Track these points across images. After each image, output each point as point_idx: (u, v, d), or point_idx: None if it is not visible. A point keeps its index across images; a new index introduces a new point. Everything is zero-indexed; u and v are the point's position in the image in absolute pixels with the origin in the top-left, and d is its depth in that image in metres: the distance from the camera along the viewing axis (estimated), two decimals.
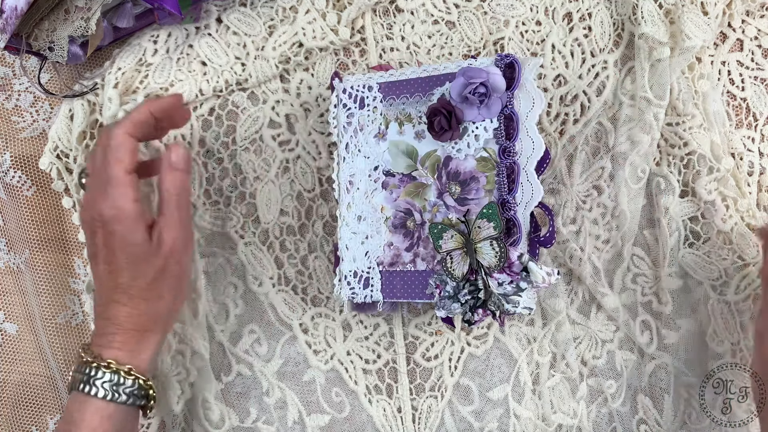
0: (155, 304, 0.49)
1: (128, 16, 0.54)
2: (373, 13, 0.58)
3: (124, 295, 0.49)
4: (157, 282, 0.49)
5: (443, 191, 0.49)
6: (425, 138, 0.50)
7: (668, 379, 0.57)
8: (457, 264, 0.48)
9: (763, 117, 0.57)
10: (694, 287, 0.57)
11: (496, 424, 0.60)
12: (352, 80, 0.52)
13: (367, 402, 0.61)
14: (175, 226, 0.49)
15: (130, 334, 0.49)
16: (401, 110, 0.51)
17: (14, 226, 0.61)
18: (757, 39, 0.57)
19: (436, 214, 0.49)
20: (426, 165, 0.50)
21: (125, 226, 0.47)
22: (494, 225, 0.46)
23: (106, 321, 0.49)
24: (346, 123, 0.52)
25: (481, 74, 0.46)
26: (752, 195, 0.57)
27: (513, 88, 0.46)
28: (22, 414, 0.63)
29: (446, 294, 0.48)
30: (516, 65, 0.46)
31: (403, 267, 0.51)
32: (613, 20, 0.57)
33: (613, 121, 0.57)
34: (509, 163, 0.47)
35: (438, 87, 0.49)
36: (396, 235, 0.51)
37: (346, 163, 0.53)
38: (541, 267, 0.46)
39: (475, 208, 0.48)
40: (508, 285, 0.46)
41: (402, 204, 0.51)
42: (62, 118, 0.58)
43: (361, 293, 0.52)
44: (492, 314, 0.47)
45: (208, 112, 0.60)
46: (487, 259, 0.47)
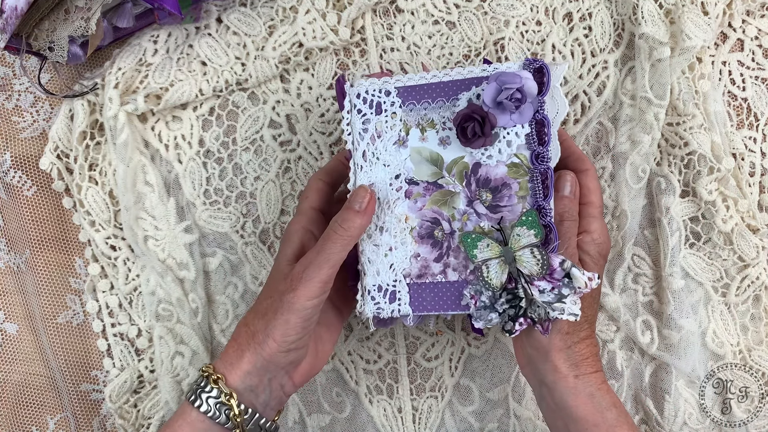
0: (257, 319, 0.48)
1: (128, 16, 0.54)
2: (373, 14, 0.58)
3: (252, 309, 0.49)
4: (270, 302, 0.48)
5: (473, 199, 0.48)
6: (451, 144, 0.48)
7: (669, 380, 0.57)
8: (494, 273, 0.46)
9: (764, 117, 0.57)
10: (695, 288, 0.57)
11: (496, 425, 0.60)
12: (366, 84, 0.50)
13: (367, 402, 0.61)
14: (310, 263, 0.46)
15: (233, 346, 0.49)
16: (423, 116, 0.49)
17: (14, 226, 0.61)
18: (758, 39, 0.57)
19: (466, 222, 0.48)
20: (453, 172, 0.48)
21: (282, 244, 0.51)
22: (535, 232, 0.45)
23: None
24: (362, 130, 0.50)
25: (515, 79, 0.44)
26: (753, 195, 0.57)
27: (544, 93, 0.46)
28: (22, 414, 0.63)
29: (482, 304, 0.47)
30: (545, 70, 0.45)
31: (433, 278, 0.49)
32: (614, 20, 0.57)
33: (613, 121, 0.57)
34: (543, 168, 0.46)
35: (463, 92, 0.47)
36: (423, 245, 0.49)
37: (364, 172, 0.50)
38: (582, 272, 0.44)
39: (508, 215, 0.47)
40: (550, 292, 0.45)
41: (428, 213, 0.49)
42: (62, 118, 0.58)
43: (387, 308, 0.49)
44: (533, 322, 0.45)
45: (208, 112, 0.60)
46: (528, 267, 0.45)
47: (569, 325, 0.46)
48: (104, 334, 0.62)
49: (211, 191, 0.60)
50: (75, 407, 0.63)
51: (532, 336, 0.46)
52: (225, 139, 0.60)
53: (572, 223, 0.48)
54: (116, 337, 0.62)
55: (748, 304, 0.57)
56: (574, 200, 0.48)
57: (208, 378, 0.47)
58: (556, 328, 0.45)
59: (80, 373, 0.62)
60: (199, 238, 0.60)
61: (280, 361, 0.47)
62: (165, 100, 0.57)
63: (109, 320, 0.62)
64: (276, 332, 0.46)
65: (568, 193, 0.48)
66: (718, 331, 0.57)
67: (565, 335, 0.46)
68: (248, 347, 0.47)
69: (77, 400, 0.63)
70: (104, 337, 0.62)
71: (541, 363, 0.46)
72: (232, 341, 0.49)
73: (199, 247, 0.60)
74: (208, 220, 0.60)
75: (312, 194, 0.52)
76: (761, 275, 0.56)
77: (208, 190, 0.60)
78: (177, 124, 0.60)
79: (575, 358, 0.46)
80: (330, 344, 0.53)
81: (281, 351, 0.47)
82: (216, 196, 0.60)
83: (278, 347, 0.46)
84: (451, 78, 0.48)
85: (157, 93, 0.57)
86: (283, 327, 0.46)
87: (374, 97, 0.49)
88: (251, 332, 0.48)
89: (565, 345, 0.46)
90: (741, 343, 0.57)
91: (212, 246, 0.61)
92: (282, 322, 0.46)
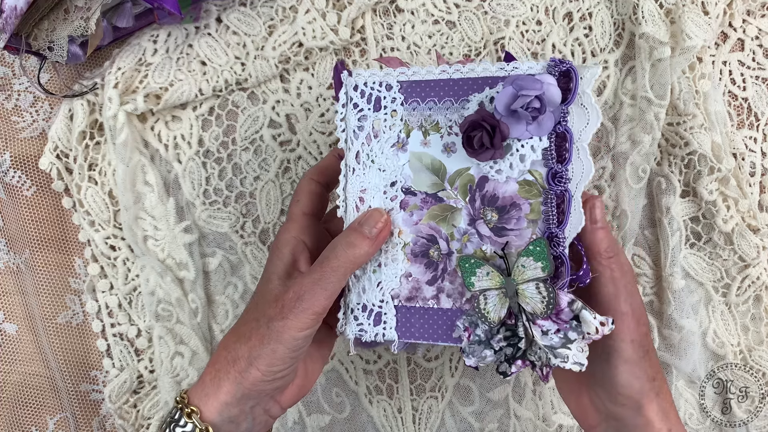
0: (240, 344, 0.42)
1: (128, 15, 0.54)
2: (373, 13, 0.58)
3: (234, 331, 0.44)
4: (256, 325, 0.42)
5: (476, 218, 0.42)
6: (456, 152, 0.42)
7: (669, 380, 0.57)
8: (492, 306, 0.40)
9: (765, 117, 0.57)
10: (695, 288, 0.57)
11: (496, 425, 0.60)
12: (365, 75, 0.44)
13: (367, 402, 0.61)
14: (305, 292, 0.41)
15: (210, 372, 0.43)
16: (427, 116, 0.43)
17: (14, 226, 0.61)
18: (758, 39, 0.57)
19: (466, 243, 0.42)
20: (456, 185, 0.42)
21: (271, 255, 0.45)
22: (542, 265, 0.39)
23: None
24: (357, 127, 0.44)
25: (535, 85, 0.38)
26: (754, 195, 0.57)
27: (569, 102, 0.39)
28: (21, 414, 0.63)
29: (477, 339, 0.41)
30: (573, 74, 0.38)
31: (424, 303, 0.43)
32: (614, 20, 0.57)
33: (613, 121, 0.57)
34: (560, 190, 0.39)
35: (475, 93, 0.41)
36: (416, 265, 0.43)
37: (356, 176, 0.44)
38: (594, 316, 0.38)
39: (515, 241, 0.40)
40: (555, 335, 0.38)
41: (424, 229, 0.43)
42: (62, 118, 0.58)
43: (371, 331, 0.44)
44: (532, 366, 0.40)
45: (208, 111, 0.59)
46: (531, 303, 0.39)
47: (651, 362, 0.39)
48: (104, 334, 0.62)
49: (210, 191, 0.60)
50: (74, 407, 0.63)
51: (612, 382, 0.40)
52: (225, 138, 0.60)
53: (630, 270, 0.41)
54: (116, 337, 0.62)
55: (748, 304, 0.57)
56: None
57: (182, 410, 0.42)
58: (641, 367, 0.39)
59: (80, 373, 0.62)
60: (198, 238, 0.60)
61: (264, 388, 0.42)
62: (164, 100, 0.57)
63: (108, 320, 0.62)
64: (260, 362, 0.41)
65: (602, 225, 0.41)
66: (719, 331, 0.57)
67: (652, 380, 0.39)
68: (227, 375, 0.42)
69: (77, 400, 0.62)
70: (104, 338, 0.62)
71: (631, 419, 0.40)
72: (209, 366, 0.43)
73: (199, 247, 0.60)
74: (207, 220, 0.60)
75: (303, 197, 0.47)
76: (762, 275, 0.56)
77: (208, 190, 0.60)
78: (176, 124, 0.59)
79: (664, 405, 0.40)
80: (321, 362, 0.48)
81: (265, 380, 0.42)
82: (215, 196, 0.60)
83: (262, 376, 0.41)
84: (462, 75, 0.42)
85: (157, 93, 0.57)
86: (269, 357, 0.41)
87: (374, 91, 0.44)
88: (232, 358, 0.42)
89: (654, 391, 0.39)
90: (741, 344, 0.57)
91: (212, 246, 0.61)
92: (268, 352, 0.41)
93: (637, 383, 0.40)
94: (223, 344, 0.44)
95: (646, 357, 0.40)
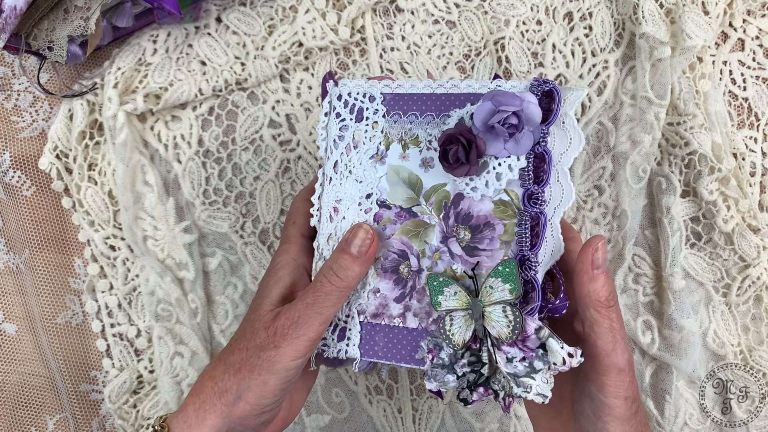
0: (229, 375, 0.40)
1: (128, 15, 0.54)
2: (373, 13, 0.58)
3: (222, 360, 0.42)
4: (246, 355, 0.40)
5: (449, 235, 0.40)
6: (433, 168, 0.41)
7: (669, 380, 0.57)
8: (457, 327, 0.39)
9: (765, 117, 0.57)
10: (696, 288, 0.57)
11: (496, 425, 0.60)
12: (350, 85, 0.43)
13: (367, 402, 0.61)
14: (298, 318, 0.39)
15: (194, 402, 0.41)
16: (407, 130, 0.42)
17: (14, 226, 0.61)
18: (759, 38, 0.57)
19: (437, 261, 0.41)
20: (431, 200, 0.41)
21: (266, 279, 0.43)
22: (510, 287, 0.37)
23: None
24: (338, 137, 0.43)
25: (514, 101, 0.37)
26: (754, 195, 0.57)
27: (550, 122, 0.38)
28: (21, 414, 0.63)
29: (440, 362, 0.39)
30: (556, 94, 0.38)
31: (390, 321, 0.41)
32: (614, 20, 0.56)
33: (613, 121, 0.57)
34: (535, 212, 0.38)
35: (456, 108, 0.40)
36: (385, 280, 0.42)
37: (332, 186, 0.43)
38: (562, 345, 0.36)
39: (486, 262, 0.39)
40: (519, 363, 0.37)
41: (396, 244, 0.42)
42: (62, 118, 0.58)
43: (333, 346, 0.42)
44: (495, 395, 0.38)
45: (208, 111, 0.59)
46: (497, 327, 0.38)
47: (640, 417, 0.37)
48: (103, 334, 0.62)
49: (210, 191, 0.60)
50: (74, 407, 0.62)
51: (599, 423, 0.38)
52: (224, 138, 0.60)
53: (622, 319, 0.39)
54: (115, 337, 0.62)
55: (749, 304, 0.57)
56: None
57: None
58: (632, 425, 0.38)
59: (79, 374, 0.62)
60: (198, 238, 0.60)
61: (251, 423, 0.40)
62: (164, 100, 0.57)
63: (108, 320, 0.61)
64: (250, 394, 0.39)
65: (603, 270, 0.37)
66: (719, 332, 0.57)
67: (631, 418, 0.38)
68: (213, 408, 0.40)
69: (76, 400, 0.62)
70: (103, 338, 0.62)
71: None
72: (193, 395, 0.41)
73: (199, 247, 0.60)
74: (207, 220, 0.60)
75: (300, 218, 0.45)
76: (762, 275, 0.56)
77: (208, 190, 0.60)
78: (176, 124, 0.59)
79: None
80: (305, 391, 0.46)
81: (253, 414, 0.40)
82: (215, 196, 0.60)
83: (251, 410, 0.39)
84: (445, 90, 0.41)
85: (157, 93, 0.57)
86: (259, 389, 0.39)
87: (357, 102, 0.43)
88: (219, 390, 0.40)
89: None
90: (742, 344, 0.57)
91: (212, 246, 0.61)
92: (259, 383, 0.39)
93: None
94: (209, 374, 0.41)
95: (637, 413, 0.39)
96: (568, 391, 0.42)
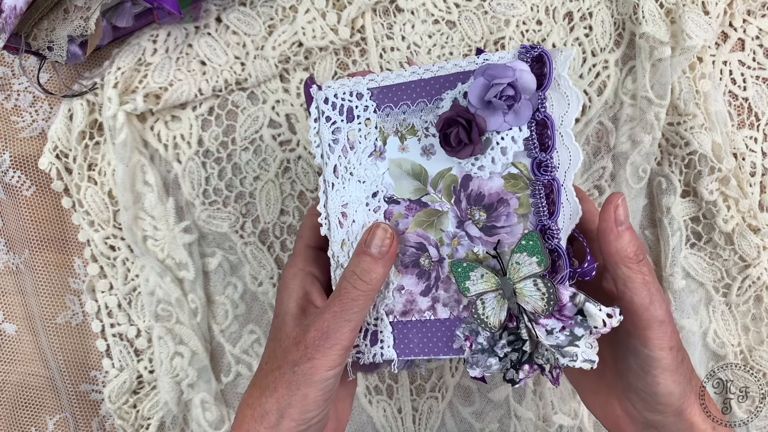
0: (266, 397, 0.39)
1: (127, 15, 0.54)
2: (373, 13, 0.58)
3: (256, 385, 0.41)
4: (279, 374, 0.39)
5: (464, 219, 0.40)
6: (435, 154, 0.40)
7: None
8: (491, 309, 0.38)
9: (765, 117, 0.57)
10: (696, 288, 0.57)
11: (496, 425, 0.60)
12: (335, 87, 0.42)
13: (367, 402, 0.61)
14: (328, 328, 0.39)
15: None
16: (401, 121, 0.41)
17: (14, 226, 0.61)
18: (759, 38, 0.57)
19: (457, 247, 0.40)
20: (439, 187, 0.40)
21: (280, 296, 0.43)
22: (537, 260, 0.37)
23: None
24: (332, 140, 0.43)
25: (507, 72, 0.36)
26: (754, 195, 0.57)
27: (545, 87, 0.37)
28: (21, 414, 0.62)
29: (479, 347, 0.39)
30: (546, 58, 0.37)
31: (420, 316, 0.41)
32: (614, 20, 0.56)
33: (614, 121, 0.57)
34: (547, 180, 0.38)
35: (447, 90, 0.40)
36: (407, 276, 0.41)
37: (336, 191, 0.43)
38: (599, 308, 0.36)
39: (506, 239, 0.38)
40: (560, 333, 0.36)
41: (412, 237, 0.41)
42: (62, 117, 0.58)
43: (368, 352, 0.42)
44: (541, 370, 0.38)
45: (208, 111, 0.59)
46: (531, 302, 0.37)
47: (686, 364, 0.37)
48: (103, 334, 0.62)
49: (210, 191, 0.60)
50: (74, 408, 0.62)
51: (653, 392, 0.38)
52: (224, 138, 0.60)
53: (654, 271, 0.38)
54: (115, 337, 0.62)
55: (749, 304, 0.57)
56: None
57: None
58: (680, 373, 0.37)
59: (79, 374, 0.62)
60: (198, 238, 0.60)
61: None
62: (164, 100, 0.57)
63: (108, 320, 0.61)
64: (292, 410, 0.38)
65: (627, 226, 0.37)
66: (719, 332, 0.57)
67: (690, 382, 0.38)
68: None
69: (76, 400, 0.62)
70: (103, 338, 0.62)
71: (673, 424, 0.38)
72: (236, 428, 0.40)
73: (199, 247, 0.60)
74: (207, 220, 0.60)
75: (306, 232, 0.45)
76: (762, 275, 0.56)
77: (207, 190, 0.60)
78: (176, 124, 0.59)
79: (704, 401, 0.39)
80: (349, 400, 0.45)
81: (300, 430, 0.39)
82: (215, 196, 0.60)
83: (296, 426, 0.39)
84: (433, 74, 0.40)
85: (157, 92, 0.57)
86: (300, 403, 0.38)
87: (345, 102, 0.42)
88: (259, 414, 0.39)
89: (694, 392, 0.38)
90: (742, 344, 0.57)
91: (211, 246, 0.61)
92: (299, 398, 0.38)
93: (678, 389, 0.38)
94: (246, 402, 0.41)
95: (683, 361, 0.39)
96: (608, 352, 0.42)
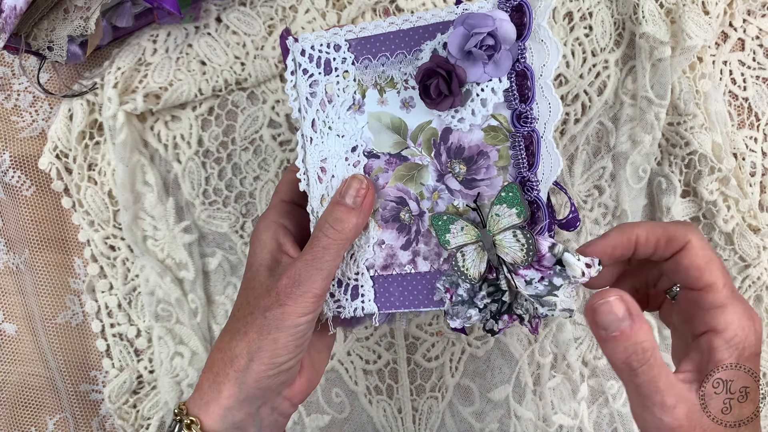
0: (236, 341, 0.40)
1: (127, 15, 0.54)
2: (373, 13, 0.58)
3: (227, 330, 0.41)
4: (251, 319, 0.40)
5: (444, 172, 0.40)
6: (415, 107, 0.40)
7: None
8: (471, 261, 0.39)
9: (765, 117, 0.57)
10: None
11: (496, 425, 0.60)
12: (312, 38, 0.41)
13: (367, 402, 0.61)
14: (299, 275, 0.39)
15: (207, 378, 0.40)
16: (380, 73, 0.40)
17: (14, 226, 0.61)
18: (759, 38, 0.57)
19: (437, 201, 0.40)
20: (419, 141, 0.40)
21: (252, 247, 0.43)
22: (517, 211, 0.37)
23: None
24: (310, 94, 0.42)
25: (487, 22, 0.36)
26: (754, 195, 0.57)
27: (525, 37, 0.37)
28: (21, 414, 0.62)
29: (459, 299, 0.39)
30: (526, 7, 0.36)
31: (401, 269, 0.41)
32: (614, 19, 0.56)
33: (614, 121, 0.57)
34: (527, 131, 0.38)
35: (427, 41, 0.39)
36: (388, 230, 0.41)
37: (314, 146, 0.42)
38: (578, 258, 0.36)
39: (487, 191, 0.39)
40: (539, 283, 0.37)
41: (392, 191, 0.41)
42: (61, 117, 0.58)
43: (349, 306, 0.42)
44: (520, 320, 0.39)
45: (208, 111, 0.59)
46: (510, 253, 0.38)
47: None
48: (103, 334, 0.62)
49: (210, 191, 0.60)
50: (74, 408, 0.62)
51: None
52: (224, 138, 0.60)
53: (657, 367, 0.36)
54: (115, 337, 0.62)
55: None
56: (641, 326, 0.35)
57: (181, 422, 0.39)
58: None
59: (79, 374, 0.62)
60: (198, 238, 0.60)
61: (269, 384, 0.40)
62: (164, 100, 0.57)
63: (108, 320, 0.61)
64: (262, 354, 0.39)
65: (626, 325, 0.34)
66: None
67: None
68: (226, 378, 0.39)
69: (76, 400, 0.62)
70: (103, 338, 0.62)
71: None
72: (206, 372, 0.41)
73: (199, 247, 0.60)
74: (207, 220, 0.60)
75: (283, 186, 0.45)
76: (762, 275, 0.56)
77: (207, 189, 0.60)
78: (176, 124, 0.59)
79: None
80: (326, 351, 0.46)
81: (269, 374, 0.39)
82: (215, 196, 0.60)
83: (266, 370, 0.39)
84: (412, 25, 0.39)
85: (157, 92, 0.57)
86: (271, 347, 0.39)
87: (322, 54, 0.41)
88: (229, 358, 0.40)
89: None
90: None
91: (211, 246, 0.61)
92: (269, 342, 0.39)
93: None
94: (217, 346, 0.41)
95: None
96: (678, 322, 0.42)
